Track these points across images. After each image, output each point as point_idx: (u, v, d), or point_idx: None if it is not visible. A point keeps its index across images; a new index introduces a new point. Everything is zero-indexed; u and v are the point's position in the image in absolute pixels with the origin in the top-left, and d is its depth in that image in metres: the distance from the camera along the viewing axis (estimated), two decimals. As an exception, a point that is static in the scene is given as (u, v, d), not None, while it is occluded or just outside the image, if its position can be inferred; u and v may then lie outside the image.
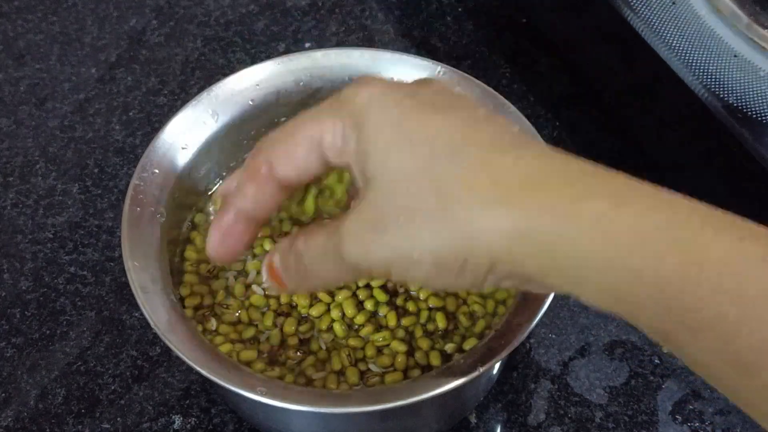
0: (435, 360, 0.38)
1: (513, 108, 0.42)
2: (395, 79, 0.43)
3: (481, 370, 0.34)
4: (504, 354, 0.35)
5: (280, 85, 0.44)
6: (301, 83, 0.45)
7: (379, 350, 0.39)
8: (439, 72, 0.44)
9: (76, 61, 0.60)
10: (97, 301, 0.48)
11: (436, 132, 0.28)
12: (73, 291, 0.49)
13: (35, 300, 0.48)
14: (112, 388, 0.45)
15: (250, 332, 0.39)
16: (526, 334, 0.35)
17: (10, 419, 0.44)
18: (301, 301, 0.40)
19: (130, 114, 0.57)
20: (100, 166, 0.54)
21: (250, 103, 0.44)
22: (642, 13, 0.46)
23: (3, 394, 0.45)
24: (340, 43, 0.60)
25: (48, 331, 0.47)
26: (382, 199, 0.29)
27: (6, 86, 0.58)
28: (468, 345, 0.39)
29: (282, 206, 0.33)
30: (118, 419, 0.44)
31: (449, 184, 0.27)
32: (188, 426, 0.44)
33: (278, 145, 0.31)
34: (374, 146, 0.29)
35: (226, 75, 0.44)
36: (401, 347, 0.39)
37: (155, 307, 0.36)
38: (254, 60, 0.59)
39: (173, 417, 0.44)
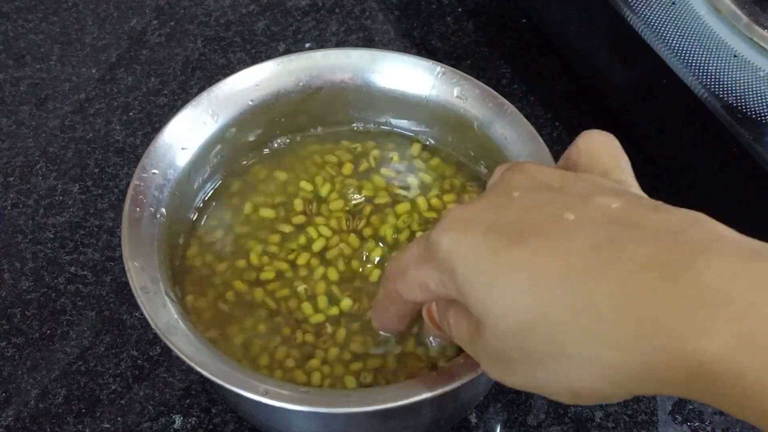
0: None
1: (513, 108, 0.42)
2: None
3: (481, 370, 0.34)
4: None
5: (280, 85, 0.44)
6: (301, 83, 0.45)
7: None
8: (438, 72, 0.44)
9: (76, 61, 0.60)
10: (98, 301, 0.48)
11: (526, 271, 0.27)
12: (73, 291, 0.49)
13: (36, 300, 0.48)
14: (113, 387, 0.45)
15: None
16: None
17: (10, 419, 0.44)
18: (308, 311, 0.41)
19: (131, 114, 0.57)
20: (101, 166, 0.54)
21: (250, 103, 0.44)
22: (642, 13, 0.46)
23: (3, 394, 0.45)
24: (340, 43, 0.60)
25: (48, 331, 0.47)
26: (495, 341, 0.28)
27: (6, 86, 0.58)
28: None
29: None
30: (119, 419, 0.44)
31: (556, 328, 0.26)
32: (189, 426, 0.44)
33: (399, 282, 0.33)
34: (471, 295, 0.28)
35: (226, 75, 0.44)
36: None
37: (155, 308, 0.36)
38: (254, 60, 0.59)
39: (174, 417, 0.44)
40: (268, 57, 0.59)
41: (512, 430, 0.44)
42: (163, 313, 0.36)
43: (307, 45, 0.60)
